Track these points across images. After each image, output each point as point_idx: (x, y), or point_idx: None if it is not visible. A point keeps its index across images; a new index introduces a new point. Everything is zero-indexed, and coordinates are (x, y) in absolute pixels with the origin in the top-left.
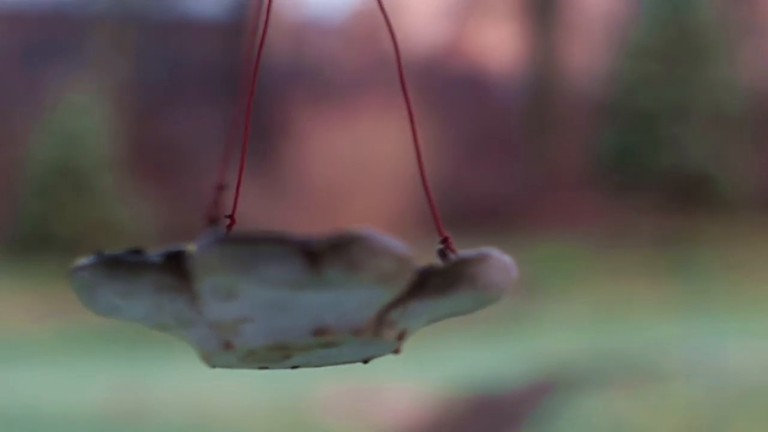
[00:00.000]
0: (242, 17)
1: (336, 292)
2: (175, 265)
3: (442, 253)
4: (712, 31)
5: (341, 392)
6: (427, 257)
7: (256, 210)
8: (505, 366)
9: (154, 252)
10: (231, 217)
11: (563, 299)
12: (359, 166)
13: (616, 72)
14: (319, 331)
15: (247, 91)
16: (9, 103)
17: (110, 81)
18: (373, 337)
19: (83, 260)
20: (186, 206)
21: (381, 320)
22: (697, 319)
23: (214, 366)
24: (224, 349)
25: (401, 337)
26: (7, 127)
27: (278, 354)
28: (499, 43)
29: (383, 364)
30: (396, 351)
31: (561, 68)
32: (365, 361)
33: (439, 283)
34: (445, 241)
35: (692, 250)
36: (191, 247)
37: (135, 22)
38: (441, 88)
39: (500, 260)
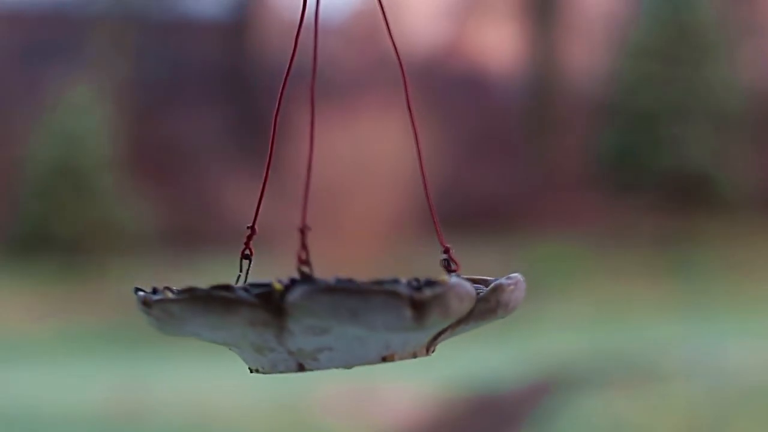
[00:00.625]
0: (242, 17)
1: (420, 331)
2: (269, 303)
3: (447, 264)
4: (712, 31)
5: (341, 392)
6: (428, 257)
7: (254, 209)
8: (505, 366)
9: (243, 287)
10: (252, 227)
11: (563, 299)
12: (359, 166)
13: (616, 72)
14: (387, 358)
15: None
16: (9, 103)
17: (110, 81)
18: (423, 355)
19: (166, 293)
20: (186, 206)
21: (433, 342)
22: (697, 319)
23: (257, 373)
24: (295, 370)
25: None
26: (7, 127)
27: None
28: (499, 43)
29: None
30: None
31: (561, 68)
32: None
33: (482, 309)
34: (447, 251)
35: (692, 250)
36: (278, 285)
37: (135, 22)
38: (441, 88)
39: (523, 284)
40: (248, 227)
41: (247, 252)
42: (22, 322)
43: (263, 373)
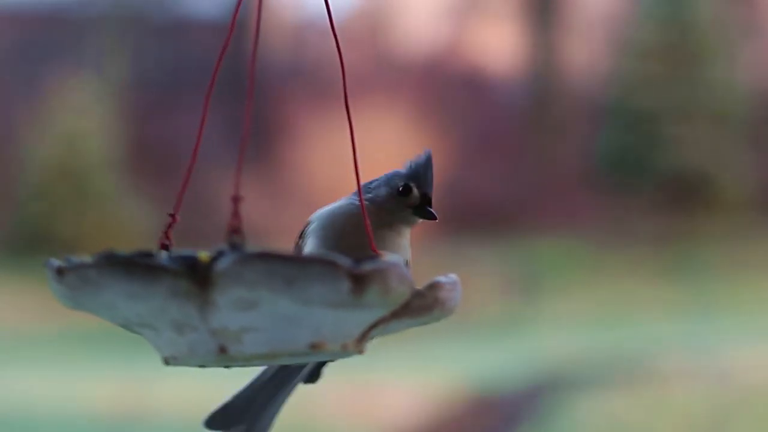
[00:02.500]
0: (242, 17)
1: (356, 311)
2: (195, 273)
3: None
4: (712, 31)
5: (341, 392)
6: (428, 257)
7: (255, 210)
8: (505, 366)
9: (166, 256)
10: (173, 216)
11: (563, 299)
12: (359, 166)
13: (616, 72)
14: (316, 345)
15: (250, 97)
16: (9, 103)
17: (110, 81)
18: (354, 349)
19: (83, 258)
20: (186, 206)
21: (364, 336)
22: (697, 319)
23: (171, 364)
24: (216, 354)
25: (364, 347)
26: (6, 127)
27: (263, 361)
28: (499, 43)
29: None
30: (360, 352)
31: (561, 68)
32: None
33: (418, 304)
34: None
35: (692, 250)
36: (204, 255)
37: (135, 22)
38: (440, 88)
39: (460, 286)
40: (169, 214)
41: (165, 242)
42: (22, 322)
43: (179, 363)
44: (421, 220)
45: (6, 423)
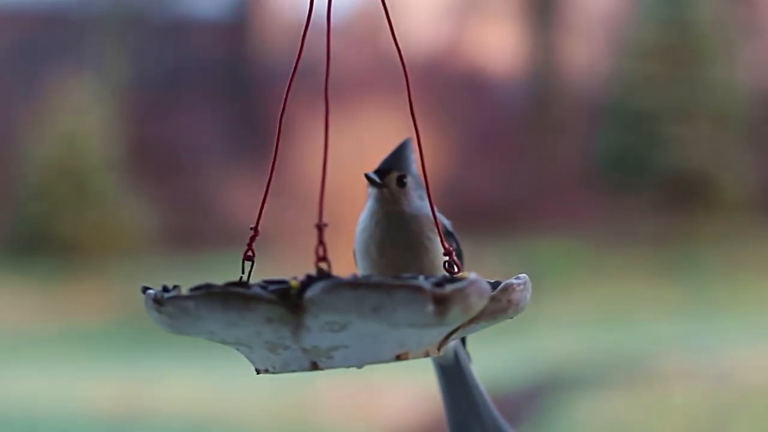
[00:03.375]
0: (242, 17)
1: (439, 327)
2: (287, 300)
3: (449, 266)
4: (712, 31)
5: (341, 392)
6: None
7: (255, 210)
8: (505, 366)
9: (257, 285)
10: (255, 229)
11: (563, 299)
12: (359, 166)
13: (616, 72)
14: (401, 356)
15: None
16: (8, 103)
17: (110, 81)
18: (435, 353)
19: (179, 290)
20: (186, 206)
21: (445, 341)
22: (697, 319)
23: (264, 373)
24: (308, 369)
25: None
26: (6, 127)
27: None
28: (499, 43)
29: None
30: (439, 354)
31: (561, 68)
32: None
33: (493, 308)
34: (448, 254)
35: (692, 250)
36: (295, 282)
37: (135, 22)
38: (440, 88)
39: (530, 284)
40: (251, 228)
41: (250, 253)
42: (22, 322)
43: (273, 372)
44: (374, 188)
45: (6, 423)
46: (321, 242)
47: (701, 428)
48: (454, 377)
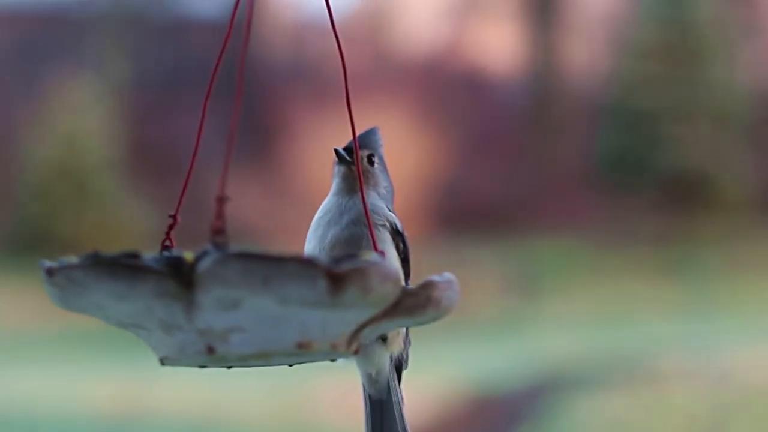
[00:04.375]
0: (242, 17)
1: (337, 311)
2: (179, 273)
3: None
4: (712, 31)
5: (340, 392)
6: (428, 257)
7: (255, 210)
8: (505, 366)
9: (151, 257)
10: (174, 216)
11: (563, 299)
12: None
13: (616, 72)
14: (303, 345)
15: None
16: (9, 104)
17: (110, 81)
18: (345, 350)
19: (71, 259)
20: (185, 206)
21: (354, 336)
22: (697, 319)
23: (166, 364)
24: (204, 354)
25: (358, 347)
26: (6, 127)
27: (257, 360)
28: (499, 43)
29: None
30: (354, 353)
31: (561, 68)
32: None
33: (410, 304)
34: (381, 255)
35: (692, 250)
36: (189, 255)
37: (135, 22)
38: (441, 88)
39: (457, 283)
40: (170, 216)
41: (167, 243)
42: (22, 322)
43: (173, 363)
44: (341, 166)
45: (6, 423)
46: (220, 215)
47: (701, 428)
48: (384, 413)
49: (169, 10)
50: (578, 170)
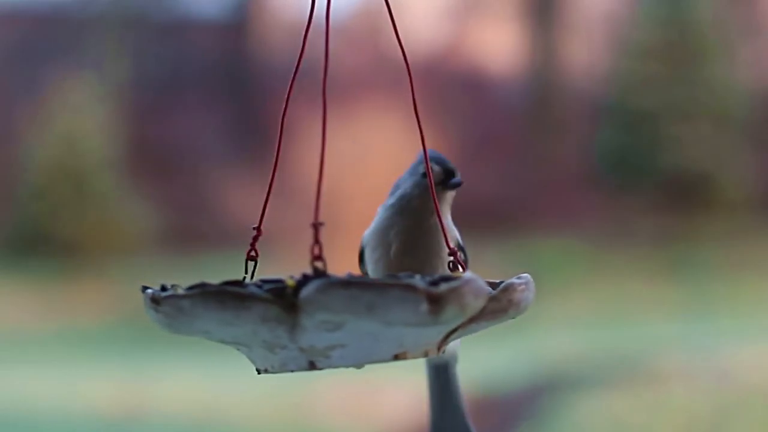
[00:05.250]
0: (242, 17)
1: (435, 326)
2: (282, 299)
3: (453, 267)
4: (712, 31)
5: (342, 392)
6: None
7: (255, 210)
8: (505, 366)
9: (254, 284)
10: (258, 228)
11: (563, 299)
12: (359, 166)
13: (616, 72)
14: (399, 356)
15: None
16: (8, 103)
17: (110, 81)
18: (435, 353)
19: (175, 289)
20: (186, 206)
21: (444, 341)
22: (697, 319)
23: (263, 373)
24: (306, 368)
25: (445, 348)
26: (6, 127)
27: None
28: (499, 43)
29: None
30: (441, 354)
31: (561, 68)
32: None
33: (493, 308)
34: (453, 254)
35: (692, 250)
36: (291, 281)
37: (135, 22)
38: (440, 88)
39: (533, 284)
40: (254, 228)
41: (253, 253)
42: (21, 322)
43: (272, 372)
44: (451, 191)
45: (6, 423)
46: (316, 241)
47: (701, 428)
48: (443, 377)
49: (169, 10)
50: (578, 170)
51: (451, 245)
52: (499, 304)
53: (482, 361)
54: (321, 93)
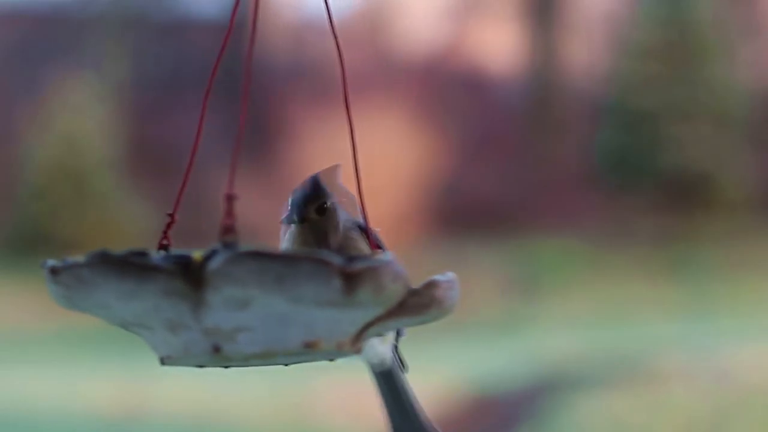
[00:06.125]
0: (242, 17)
1: (347, 310)
2: (188, 272)
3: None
4: (712, 31)
5: (342, 392)
6: (428, 257)
7: (255, 210)
8: (505, 366)
9: (159, 256)
10: (172, 215)
11: (563, 299)
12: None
13: (616, 72)
14: (310, 344)
15: (245, 95)
16: (8, 103)
17: (110, 81)
18: (350, 349)
19: (77, 257)
20: (186, 206)
21: (360, 335)
22: (697, 319)
23: (167, 364)
24: (210, 353)
25: (360, 346)
26: (6, 127)
27: (259, 360)
28: (499, 43)
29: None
30: (357, 352)
31: (561, 68)
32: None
33: (414, 303)
34: (377, 249)
35: (692, 250)
36: (198, 254)
37: (135, 22)
38: (440, 88)
39: (458, 284)
40: (168, 214)
41: (165, 242)
42: (22, 322)
43: (175, 361)
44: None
45: (6, 423)
46: (229, 213)
47: (701, 428)
48: (390, 384)
49: (169, 10)
50: (578, 170)
51: (373, 243)
52: (420, 299)
53: (482, 361)
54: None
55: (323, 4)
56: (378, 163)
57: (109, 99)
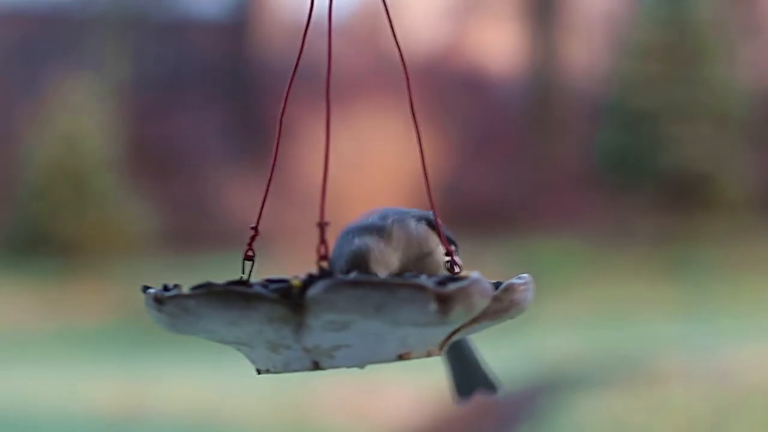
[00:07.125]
0: (242, 17)
1: (440, 326)
2: (289, 299)
3: (450, 266)
4: (712, 31)
5: (342, 392)
6: None
7: (255, 210)
8: (505, 366)
9: (259, 284)
10: (255, 228)
11: (563, 299)
12: (359, 166)
13: (616, 72)
14: (404, 356)
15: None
16: (8, 103)
17: (110, 81)
18: (437, 353)
19: (181, 288)
20: (186, 206)
21: (447, 341)
22: (697, 319)
23: (263, 374)
24: (309, 369)
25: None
26: (6, 127)
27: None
28: (499, 43)
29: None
30: (441, 353)
31: (561, 68)
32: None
33: (495, 308)
34: (449, 254)
35: (692, 250)
36: (296, 281)
37: (135, 22)
38: (440, 88)
39: (533, 284)
40: (251, 228)
41: (250, 253)
42: (21, 322)
43: (274, 372)
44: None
45: (6, 423)
46: (323, 240)
47: (701, 428)
48: (460, 348)
49: (169, 10)
50: (578, 170)
51: (447, 245)
52: (501, 305)
53: None
54: (324, 93)
55: (323, 4)
56: (378, 163)
57: (109, 99)
